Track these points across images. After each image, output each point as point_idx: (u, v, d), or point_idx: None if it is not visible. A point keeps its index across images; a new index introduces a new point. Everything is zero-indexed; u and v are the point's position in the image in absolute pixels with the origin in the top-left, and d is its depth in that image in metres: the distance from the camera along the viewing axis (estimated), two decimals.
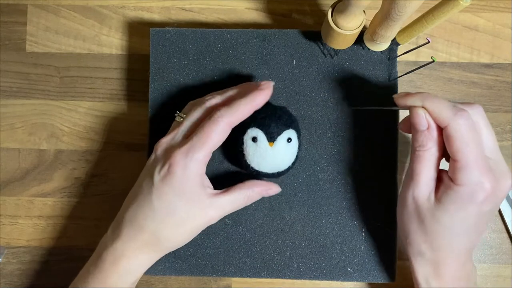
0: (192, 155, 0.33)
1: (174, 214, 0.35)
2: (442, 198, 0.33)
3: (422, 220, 0.34)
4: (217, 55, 0.42)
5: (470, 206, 0.32)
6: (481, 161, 0.32)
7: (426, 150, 0.33)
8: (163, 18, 0.46)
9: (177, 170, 0.33)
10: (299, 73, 0.42)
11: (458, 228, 0.33)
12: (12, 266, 0.45)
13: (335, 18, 0.35)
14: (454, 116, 0.31)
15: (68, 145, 0.46)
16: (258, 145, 0.36)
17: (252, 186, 0.37)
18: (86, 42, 0.46)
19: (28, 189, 0.45)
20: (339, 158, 0.41)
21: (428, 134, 0.33)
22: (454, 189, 0.32)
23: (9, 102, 0.46)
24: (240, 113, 0.34)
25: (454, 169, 0.32)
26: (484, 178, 0.31)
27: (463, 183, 0.32)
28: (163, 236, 0.35)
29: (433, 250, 0.35)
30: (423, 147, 0.33)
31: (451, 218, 0.33)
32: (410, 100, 0.33)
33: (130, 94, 0.46)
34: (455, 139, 0.31)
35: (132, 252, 0.35)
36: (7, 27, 0.46)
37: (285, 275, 0.41)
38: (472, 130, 0.32)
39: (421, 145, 0.33)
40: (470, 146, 0.31)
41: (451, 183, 0.32)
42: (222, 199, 0.36)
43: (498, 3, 0.45)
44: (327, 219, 0.41)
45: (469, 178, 0.31)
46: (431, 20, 0.33)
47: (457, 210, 0.33)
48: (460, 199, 0.32)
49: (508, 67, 0.45)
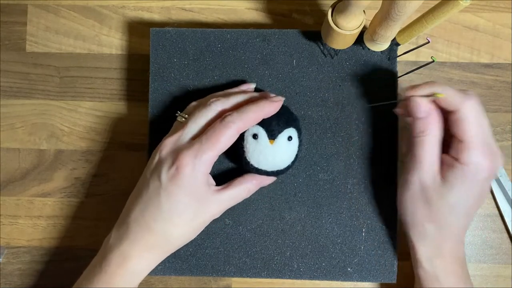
0: (201, 156, 0.34)
1: (183, 213, 0.35)
2: (447, 176, 0.35)
3: (428, 200, 0.36)
4: (217, 55, 0.42)
5: (474, 184, 0.35)
6: (485, 143, 0.34)
7: (427, 135, 0.35)
8: (163, 18, 0.46)
9: (186, 171, 0.34)
10: (299, 73, 0.42)
11: (462, 206, 0.35)
12: (12, 266, 0.45)
13: (335, 18, 0.35)
14: (464, 102, 0.34)
15: (68, 145, 0.46)
16: (258, 142, 0.36)
17: (251, 179, 0.38)
18: (86, 42, 0.46)
19: (28, 189, 0.45)
20: (339, 158, 0.41)
21: (429, 120, 0.35)
22: (459, 167, 0.34)
23: (9, 102, 0.46)
24: (250, 119, 0.35)
25: (458, 149, 0.34)
26: (485, 156, 0.34)
27: (469, 162, 0.34)
28: (171, 236, 0.36)
29: (438, 229, 0.36)
30: (424, 133, 0.35)
31: (456, 195, 0.35)
32: (419, 91, 0.35)
33: (130, 94, 0.46)
34: (465, 122, 0.34)
35: (140, 253, 0.35)
36: (7, 27, 0.46)
37: (285, 275, 0.41)
38: (480, 113, 0.34)
39: (422, 131, 0.35)
40: (478, 128, 0.34)
41: (456, 163, 0.34)
42: (224, 195, 0.37)
43: (498, 3, 0.45)
44: (327, 219, 0.41)
45: (473, 157, 0.34)
46: (431, 20, 0.33)
47: (462, 187, 0.35)
48: (465, 177, 0.34)
49: (508, 67, 0.45)
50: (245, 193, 0.38)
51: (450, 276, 0.37)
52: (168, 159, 0.35)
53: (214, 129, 0.34)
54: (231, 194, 0.37)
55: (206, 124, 0.36)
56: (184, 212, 0.35)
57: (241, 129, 0.35)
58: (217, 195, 0.36)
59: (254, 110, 0.35)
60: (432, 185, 0.35)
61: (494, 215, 0.45)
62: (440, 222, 0.36)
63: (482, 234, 0.45)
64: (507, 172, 0.44)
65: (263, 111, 0.36)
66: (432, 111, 0.35)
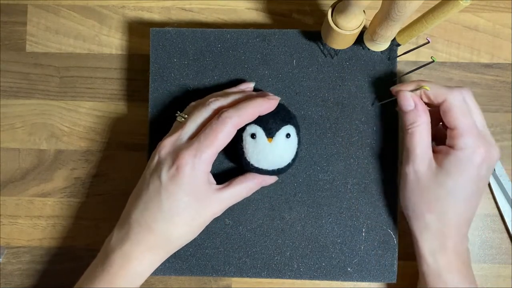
0: (201, 155, 0.34)
1: (183, 213, 0.35)
2: (444, 163, 0.36)
3: (426, 189, 0.36)
4: (217, 55, 0.42)
5: (470, 168, 0.35)
6: (475, 129, 0.35)
7: (417, 126, 0.36)
8: (163, 18, 0.46)
9: (186, 170, 0.34)
10: (299, 73, 0.42)
11: (461, 193, 0.36)
12: (12, 266, 0.45)
13: (335, 18, 0.35)
14: (450, 92, 0.36)
15: (68, 145, 0.46)
16: (257, 142, 0.37)
17: (252, 178, 0.38)
18: (86, 42, 0.46)
19: (28, 189, 0.45)
20: (339, 158, 0.41)
21: (417, 112, 0.36)
22: (453, 153, 0.35)
23: (9, 102, 0.46)
24: (247, 115, 0.35)
25: (452, 137, 0.36)
26: (479, 143, 0.35)
27: (462, 147, 0.35)
28: (173, 236, 0.36)
29: (439, 220, 0.36)
30: (414, 124, 0.36)
31: (454, 181, 0.35)
32: (407, 87, 0.37)
33: (130, 94, 0.46)
34: (453, 109, 0.35)
35: (142, 253, 0.35)
36: (7, 27, 0.46)
37: (285, 275, 0.41)
38: (469, 102, 0.36)
39: (412, 123, 0.36)
40: (466, 115, 0.35)
41: (450, 149, 0.36)
42: (225, 193, 0.37)
43: (498, 3, 0.45)
44: (327, 219, 0.41)
45: (467, 143, 0.35)
46: (431, 20, 0.33)
47: (458, 173, 0.35)
48: (460, 162, 0.35)
49: (508, 67, 0.45)
50: (246, 192, 0.38)
51: (453, 273, 0.37)
52: (168, 159, 0.35)
53: (211, 127, 0.35)
54: (232, 193, 0.37)
55: (204, 122, 0.36)
56: (184, 212, 0.35)
57: (238, 125, 0.35)
58: (218, 193, 0.37)
59: (251, 106, 0.35)
60: (427, 174, 0.36)
61: (494, 215, 0.45)
62: (440, 210, 0.36)
63: (482, 234, 0.45)
64: (507, 172, 0.44)
65: (260, 107, 0.36)
66: (419, 103, 0.36)
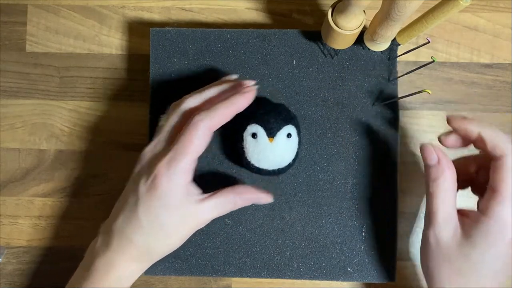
0: (176, 165, 0.33)
1: (162, 227, 0.34)
2: (471, 232, 0.32)
3: (448, 258, 0.32)
4: (217, 55, 0.42)
5: (500, 243, 0.31)
6: None
7: (440, 184, 0.32)
8: (163, 18, 0.46)
9: (162, 183, 0.33)
10: (299, 73, 0.42)
11: (488, 268, 0.32)
12: (12, 266, 0.45)
13: (335, 18, 0.35)
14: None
15: (68, 145, 0.46)
16: (258, 141, 0.36)
17: (241, 192, 0.36)
18: (86, 42, 0.46)
19: (28, 189, 0.45)
20: (339, 158, 0.41)
21: (439, 167, 0.33)
22: (484, 222, 0.31)
23: (9, 102, 0.46)
24: (220, 116, 0.33)
25: (489, 200, 0.31)
26: None
27: (495, 215, 0.31)
28: (153, 249, 0.35)
29: None
30: (436, 181, 0.33)
31: (481, 255, 0.31)
32: (467, 125, 0.33)
33: (130, 94, 0.46)
34: (505, 171, 0.31)
35: (124, 262, 0.35)
36: (7, 27, 0.46)
37: (285, 275, 0.41)
38: None
39: (434, 179, 0.33)
40: None
41: (481, 216, 0.31)
42: (207, 205, 0.35)
43: (498, 3, 0.45)
44: (327, 219, 0.41)
45: (505, 213, 0.31)
46: (431, 20, 0.33)
47: (487, 246, 0.31)
48: (489, 233, 0.31)
49: (508, 67, 0.45)
50: (230, 206, 0.35)
51: None
52: (146, 170, 0.34)
53: (184, 133, 0.33)
54: (214, 204, 0.35)
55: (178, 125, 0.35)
56: (163, 225, 0.34)
57: (212, 127, 0.33)
58: (200, 205, 0.34)
59: (224, 106, 0.33)
60: (451, 242, 0.32)
61: None
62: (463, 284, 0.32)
63: None
64: None
65: (235, 105, 0.34)
66: (443, 158, 0.33)
